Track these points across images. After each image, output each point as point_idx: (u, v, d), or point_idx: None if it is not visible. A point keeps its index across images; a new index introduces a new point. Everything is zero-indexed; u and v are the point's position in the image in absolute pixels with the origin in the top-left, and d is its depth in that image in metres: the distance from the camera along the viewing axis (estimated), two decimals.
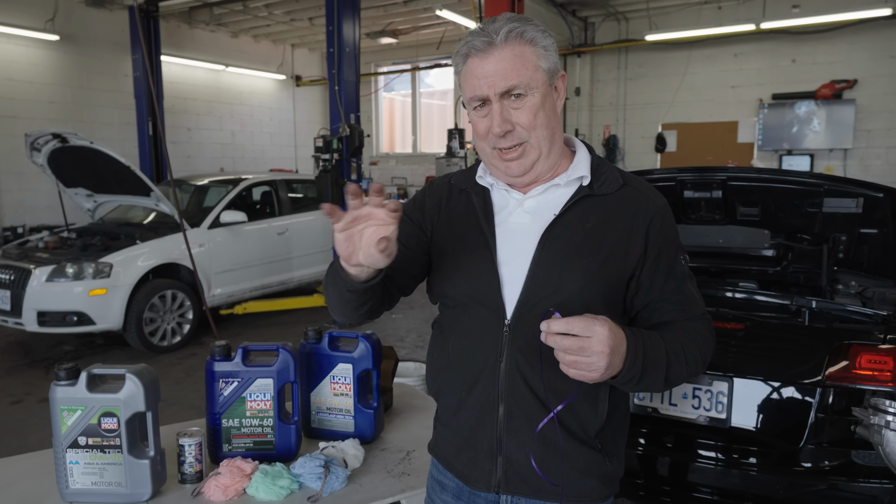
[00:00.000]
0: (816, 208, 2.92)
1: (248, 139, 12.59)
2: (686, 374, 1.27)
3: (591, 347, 1.09)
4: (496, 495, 1.35)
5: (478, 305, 1.31)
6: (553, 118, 1.30)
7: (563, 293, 1.24)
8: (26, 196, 8.88)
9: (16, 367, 5.88)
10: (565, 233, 1.27)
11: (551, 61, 1.28)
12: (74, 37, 9.38)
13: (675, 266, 1.31)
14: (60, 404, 1.62)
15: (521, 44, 1.24)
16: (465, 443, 1.37)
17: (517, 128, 1.26)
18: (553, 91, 1.30)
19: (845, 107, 9.73)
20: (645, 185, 1.35)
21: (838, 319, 2.44)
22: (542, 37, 1.27)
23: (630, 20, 11.12)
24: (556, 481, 1.28)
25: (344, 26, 7.23)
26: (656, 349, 1.21)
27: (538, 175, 1.32)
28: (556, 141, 1.32)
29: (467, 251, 1.33)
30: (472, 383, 1.33)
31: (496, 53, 1.24)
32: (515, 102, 1.25)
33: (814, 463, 2.28)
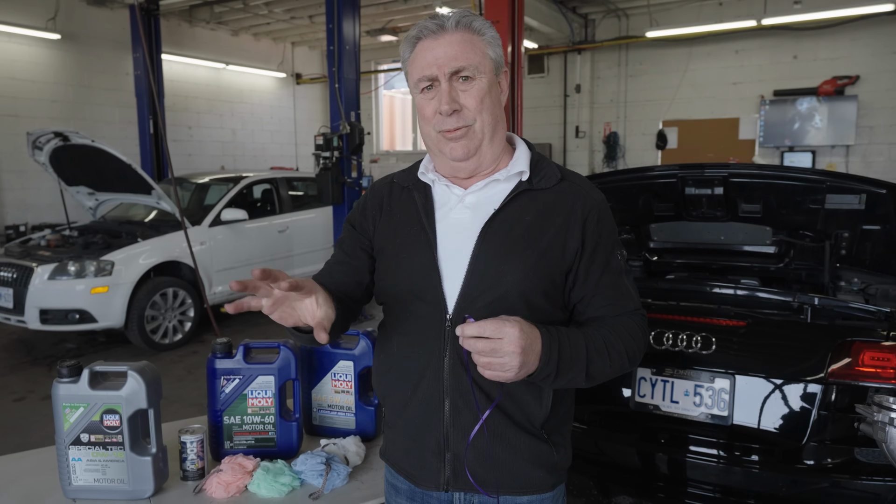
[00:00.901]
0: (819, 205, 2.91)
1: (249, 137, 12.59)
2: (610, 370, 1.28)
3: (503, 348, 1.11)
4: (448, 493, 1.36)
5: (419, 302, 1.32)
6: (497, 108, 1.33)
7: (502, 286, 1.27)
8: (28, 194, 8.89)
9: (18, 364, 5.89)
10: (504, 227, 1.30)
11: (497, 53, 1.32)
12: (76, 35, 9.38)
13: (610, 261, 1.33)
14: (63, 401, 1.62)
15: (471, 32, 1.29)
16: (412, 443, 1.38)
17: (464, 109, 1.28)
18: (499, 80, 1.34)
19: (847, 103, 9.71)
20: (583, 181, 1.39)
21: (841, 316, 2.44)
22: (490, 29, 1.32)
23: (630, 17, 11.10)
24: (504, 472, 1.31)
25: (344, 24, 7.22)
26: (574, 346, 1.22)
27: (480, 163, 1.33)
28: (499, 131, 1.35)
29: (408, 248, 1.35)
30: (417, 381, 1.34)
31: (447, 37, 1.27)
32: (463, 85, 1.28)
33: (816, 460, 2.27)
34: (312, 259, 8.01)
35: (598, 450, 2.66)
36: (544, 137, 12.12)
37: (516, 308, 1.24)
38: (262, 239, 7.41)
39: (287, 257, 7.69)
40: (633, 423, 2.59)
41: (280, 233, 7.61)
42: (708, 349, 2.45)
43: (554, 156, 12.11)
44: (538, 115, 11.98)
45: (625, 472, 2.62)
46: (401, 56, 1.36)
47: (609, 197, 3.40)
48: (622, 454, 2.60)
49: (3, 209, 8.61)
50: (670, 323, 2.56)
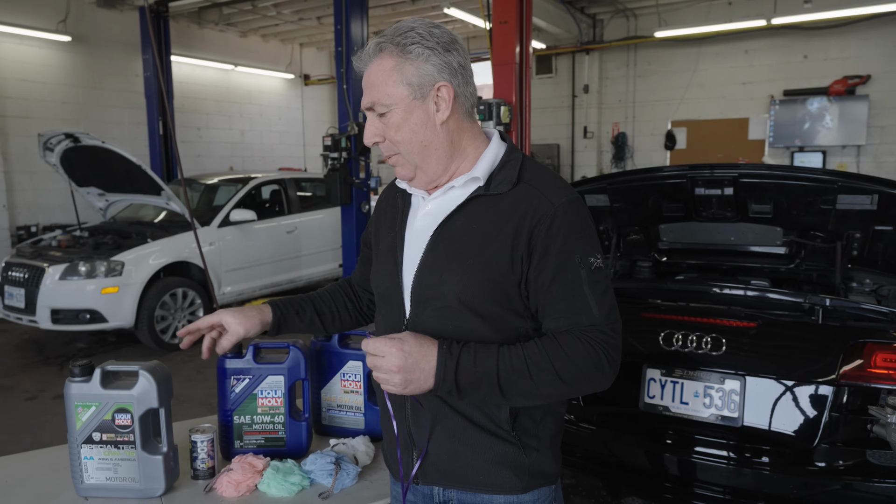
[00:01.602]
0: (830, 205, 2.90)
1: (258, 138, 12.62)
2: (538, 391, 1.22)
3: (382, 366, 1.19)
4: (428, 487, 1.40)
5: (387, 303, 1.41)
6: (424, 131, 1.29)
7: (445, 296, 1.29)
8: (39, 195, 8.94)
9: (30, 364, 5.93)
10: (452, 235, 1.31)
11: (420, 73, 1.26)
12: (86, 37, 9.44)
13: (564, 269, 1.24)
14: (75, 400, 1.63)
15: (384, 57, 1.27)
16: (389, 437, 1.46)
17: (386, 140, 1.32)
18: (427, 103, 1.28)
19: (858, 103, 9.65)
20: (545, 183, 1.30)
21: (853, 317, 2.42)
22: (414, 45, 1.26)
23: (639, 17, 11.08)
24: (468, 469, 1.34)
25: (352, 25, 7.23)
26: (480, 366, 1.20)
27: (429, 179, 1.35)
28: (433, 153, 1.31)
29: (385, 251, 1.43)
30: None
31: (369, 67, 1.30)
32: (382, 120, 1.31)
33: (828, 462, 2.26)
34: (320, 259, 8.03)
35: (607, 451, 2.66)
36: (552, 138, 12.11)
37: (464, 316, 1.28)
38: (271, 239, 7.44)
39: (295, 258, 7.71)
40: (642, 425, 2.59)
41: (288, 233, 7.64)
42: (718, 350, 2.45)
43: (562, 156, 12.10)
44: (546, 115, 11.97)
45: (634, 474, 2.62)
46: None
47: (618, 197, 3.42)
48: (631, 455, 2.59)
49: (14, 210, 8.67)
50: (680, 324, 2.55)
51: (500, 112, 5.93)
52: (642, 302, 2.82)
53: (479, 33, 11.30)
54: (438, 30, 1.30)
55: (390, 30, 1.29)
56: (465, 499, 1.36)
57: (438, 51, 1.27)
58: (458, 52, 1.31)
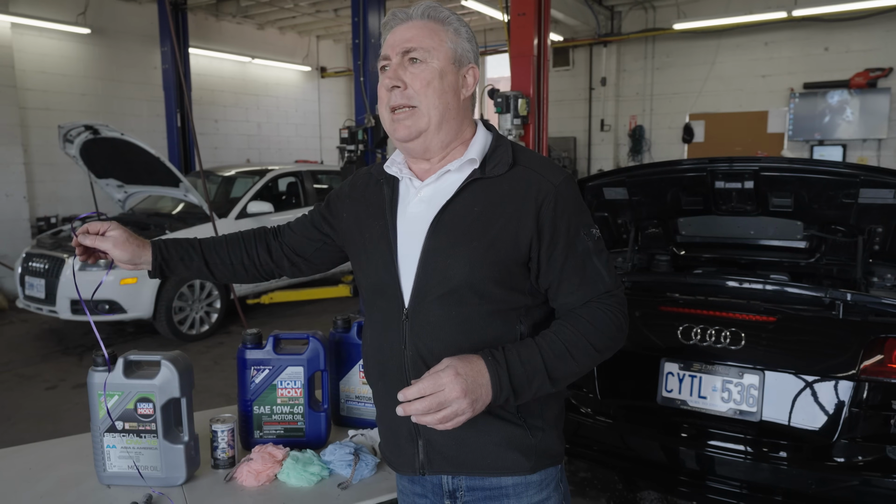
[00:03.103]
0: (852, 199, 2.86)
1: (274, 130, 12.66)
2: (579, 369, 1.29)
3: (448, 398, 1.15)
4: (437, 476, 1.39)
5: (382, 295, 1.37)
6: (450, 96, 1.33)
7: (451, 280, 1.28)
8: (59, 187, 9.04)
9: (50, 353, 6.02)
10: (453, 219, 1.30)
11: (461, 46, 1.34)
12: (105, 30, 9.50)
13: (575, 244, 1.30)
14: (98, 389, 1.65)
15: (435, 21, 1.33)
16: (388, 431, 1.44)
17: (409, 88, 1.31)
18: (458, 75, 1.34)
19: (880, 96, 9.50)
20: (540, 163, 1.35)
21: (874, 312, 2.39)
22: (458, 23, 1.35)
23: (657, 9, 10.96)
24: (476, 454, 1.33)
25: (369, 17, 7.22)
26: (528, 363, 1.23)
27: (427, 147, 1.34)
28: (449, 120, 1.34)
29: (373, 242, 1.39)
30: (383, 372, 1.40)
31: (410, 23, 1.33)
32: (413, 67, 1.31)
33: (847, 458, 2.24)
34: None
35: (623, 445, 2.65)
36: (569, 131, 12.04)
37: (468, 300, 1.28)
38: None
39: None
40: (659, 419, 2.58)
41: None
42: (737, 344, 2.43)
43: (579, 149, 12.04)
44: (563, 108, 11.90)
45: (651, 468, 2.61)
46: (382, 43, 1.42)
47: (637, 191, 3.40)
48: (648, 449, 2.59)
49: (34, 201, 8.77)
50: (699, 318, 2.54)
51: (518, 104, 5.90)
52: (660, 295, 2.80)
53: (497, 25, 11.25)
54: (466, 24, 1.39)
55: (430, 3, 1.35)
56: (474, 484, 1.36)
57: (472, 38, 1.38)
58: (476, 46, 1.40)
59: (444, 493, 1.40)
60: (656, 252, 3.52)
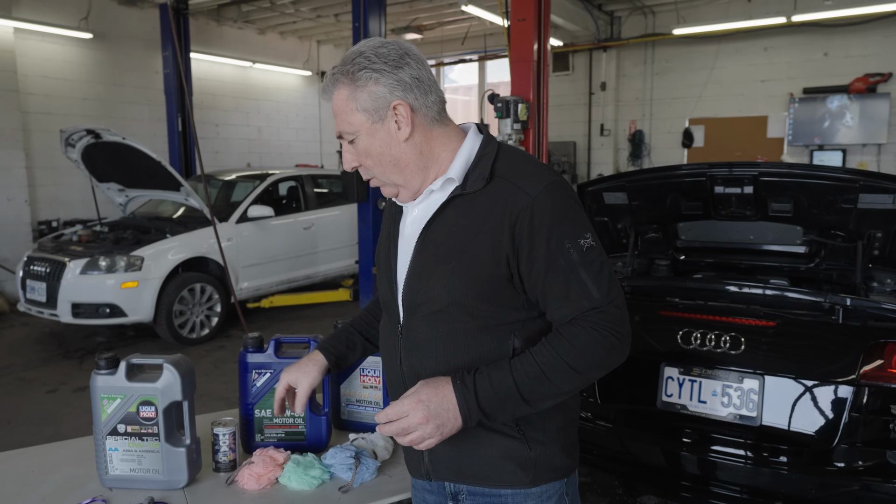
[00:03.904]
0: (851, 204, 2.87)
1: (275, 135, 12.68)
2: (557, 389, 1.24)
3: (411, 425, 1.21)
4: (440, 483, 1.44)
5: (387, 310, 1.45)
6: (392, 150, 1.30)
7: (435, 300, 1.30)
8: (60, 191, 9.05)
9: (51, 357, 6.02)
10: (434, 238, 1.32)
11: (372, 97, 1.27)
12: (107, 35, 9.52)
13: (557, 257, 1.24)
14: (101, 392, 1.66)
15: (339, 88, 1.30)
16: None
17: (361, 165, 1.35)
18: (387, 124, 1.29)
19: (879, 101, 9.52)
20: (521, 174, 1.29)
21: (873, 317, 2.40)
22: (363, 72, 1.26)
23: (657, 14, 10.99)
24: (474, 464, 1.36)
25: (370, 22, 7.24)
26: (498, 385, 1.22)
27: (414, 191, 1.37)
28: (408, 166, 1.32)
29: (383, 260, 1.46)
30: (390, 383, 1.48)
31: (332, 97, 1.32)
32: (351, 147, 1.34)
33: (847, 463, 2.25)
34: (337, 256, 8.07)
35: (623, 449, 2.66)
36: (569, 136, 12.06)
37: (455, 318, 1.30)
38: (288, 236, 7.49)
39: (312, 254, 7.76)
40: (659, 423, 2.58)
41: (305, 229, 7.68)
42: (737, 349, 2.44)
43: (578, 154, 12.05)
44: (563, 113, 11.92)
45: (651, 472, 2.61)
46: None
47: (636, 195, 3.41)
48: (648, 454, 2.59)
49: (35, 205, 8.78)
50: (698, 322, 2.55)
51: (518, 109, 5.93)
52: (660, 300, 2.81)
53: (497, 30, 11.28)
54: (386, 48, 1.28)
55: (342, 59, 1.32)
56: (474, 491, 1.39)
57: (387, 71, 1.26)
58: (409, 65, 1.28)
59: (448, 494, 1.43)
60: (656, 257, 3.53)
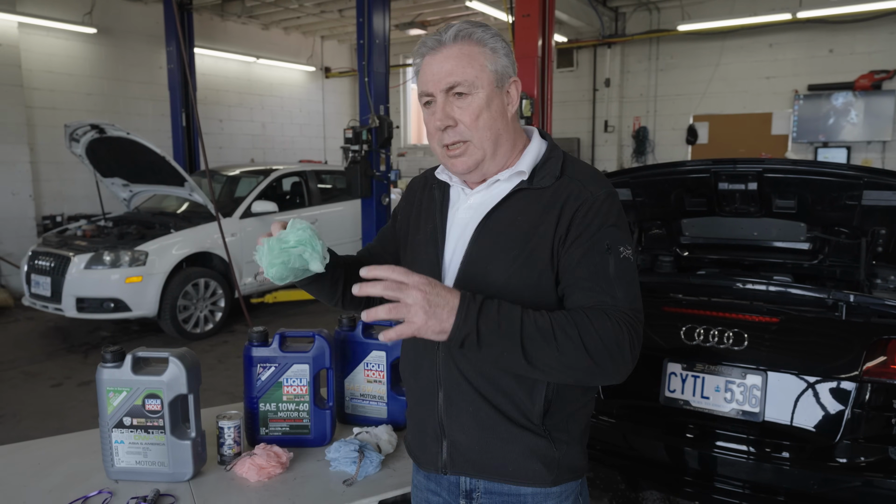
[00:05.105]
0: (855, 201, 2.87)
1: (279, 130, 12.70)
2: (559, 357, 1.16)
3: (407, 282, 1.10)
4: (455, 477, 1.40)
5: None
6: (500, 121, 1.32)
7: (490, 287, 1.28)
8: (65, 185, 9.08)
9: (56, 351, 6.05)
10: (496, 227, 1.32)
11: (500, 64, 1.31)
12: (111, 30, 9.54)
13: (593, 253, 1.25)
14: (107, 385, 1.67)
15: (470, 44, 1.29)
16: (416, 427, 1.46)
17: (459, 125, 1.30)
18: (503, 95, 1.33)
19: (885, 98, 9.49)
20: (587, 176, 1.33)
21: (877, 314, 2.40)
22: (493, 39, 1.31)
23: (662, 10, 10.96)
24: (498, 460, 1.34)
25: (374, 18, 7.24)
26: (505, 316, 1.15)
27: (485, 173, 1.37)
28: (503, 144, 1.34)
29: (423, 243, 1.42)
30: (416, 369, 1.42)
31: (444, 51, 1.29)
32: (459, 101, 1.30)
33: (849, 459, 2.25)
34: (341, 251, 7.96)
35: (626, 444, 2.66)
36: (573, 132, 12.05)
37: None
38: None
39: None
40: (662, 418, 2.59)
41: None
42: (740, 345, 2.44)
43: (582, 150, 12.04)
44: (567, 109, 11.90)
45: (653, 467, 2.62)
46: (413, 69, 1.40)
47: (641, 191, 3.41)
48: (651, 449, 2.60)
49: (40, 200, 8.81)
50: (702, 318, 2.55)
51: (522, 105, 5.92)
52: (664, 296, 2.81)
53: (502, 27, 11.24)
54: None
55: (460, 25, 1.31)
56: (492, 488, 1.37)
57: (508, 49, 1.34)
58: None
59: (461, 492, 1.40)
60: (660, 253, 3.53)
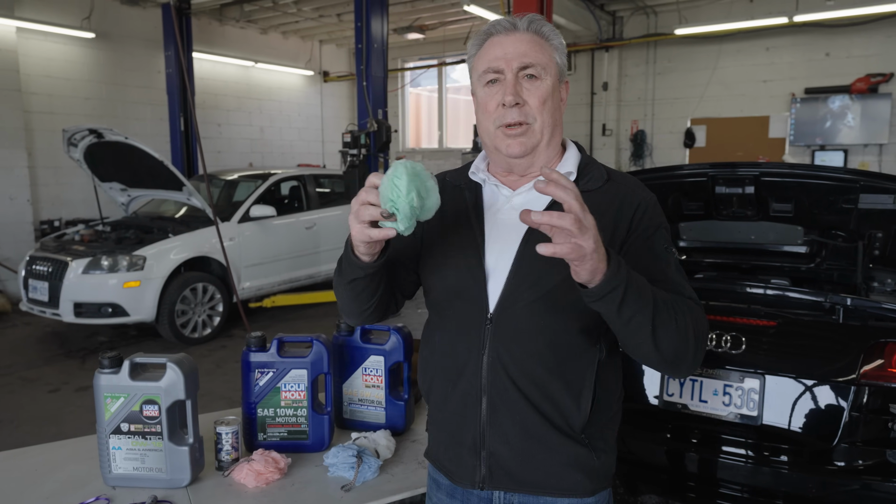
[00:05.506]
0: (852, 204, 2.88)
1: (277, 134, 12.70)
2: (674, 330, 1.17)
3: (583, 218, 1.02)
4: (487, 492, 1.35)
5: (462, 300, 1.34)
6: (557, 112, 1.35)
7: (544, 286, 1.26)
8: (63, 190, 9.08)
9: (53, 356, 6.03)
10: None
11: (563, 61, 1.35)
12: (109, 34, 9.55)
13: (657, 250, 1.29)
14: (104, 391, 1.67)
15: (540, 36, 1.32)
16: (450, 439, 1.39)
17: (526, 105, 1.30)
18: (560, 88, 1.36)
19: (881, 101, 9.51)
20: (632, 181, 1.38)
21: (874, 317, 2.40)
22: (558, 38, 1.35)
23: (659, 14, 10.99)
24: (540, 473, 1.31)
25: (372, 22, 7.26)
26: (640, 279, 1.15)
27: (533, 163, 1.35)
28: (556, 135, 1.37)
29: (456, 246, 1.36)
30: (456, 377, 1.35)
31: (518, 34, 1.31)
32: (528, 83, 1.30)
33: (847, 462, 2.25)
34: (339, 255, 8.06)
35: (624, 448, 2.66)
36: (571, 135, 11.69)
37: (560, 307, 1.26)
38: (290, 235, 7.50)
39: (314, 253, 7.77)
40: (660, 422, 2.59)
41: (307, 229, 7.69)
42: (738, 349, 2.44)
43: None
44: (565, 112, 11.69)
45: (652, 471, 2.62)
46: (468, 52, 1.38)
47: None
48: (649, 452, 2.59)
49: (38, 204, 8.80)
50: None
51: None
52: None
53: None
54: None
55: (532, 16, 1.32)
56: (527, 501, 1.34)
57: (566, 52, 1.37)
58: None
59: None
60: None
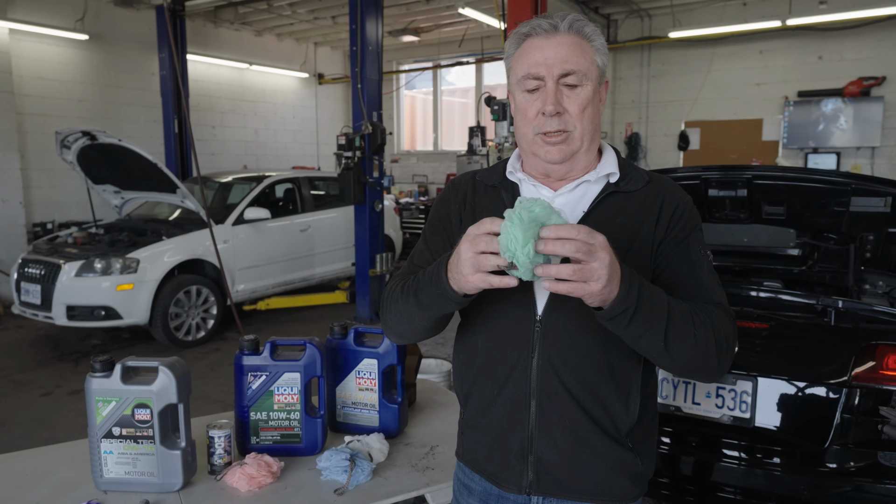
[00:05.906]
0: (843, 207, 2.89)
1: (272, 137, 12.68)
2: (692, 344, 1.18)
3: (598, 241, 1.05)
4: (527, 496, 1.33)
5: (508, 302, 1.30)
6: (597, 117, 1.32)
7: None
8: (56, 192, 9.04)
9: (45, 359, 6.01)
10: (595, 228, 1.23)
11: (603, 62, 1.31)
12: (103, 36, 9.52)
13: (691, 252, 1.29)
14: (96, 395, 1.66)
15: (582, 37, 1.28)
16: (495, 443, 1.36)
17: (566, 114, 1.27)
18: (599, 90, 1.31)
19: (873, 104, 9.57)
20: (670, 182, 1.37)
21: (865, 319, 2.42)
22: (600, 37, 1.31)
23: (653, 17, 11.03)
24: (588, 479, 1.29)
25: (367, 25, 7.25)
26: (655, 293, 1.16)
27: (572, 168, 1.32)
28: (595, 140, 1.34)
29: None
30: (503, 381, 1.32)
31: (558, 37, 1.26)
32: (570, 91, 1.27)
33: (839, 464, 2.26)
34: (333, 258, 8.07)
35: None
36: None
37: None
38: (284, 238, 7.48)
39: (308, 256, 7.76)
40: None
41: (302, 232, 7.68)
42: None
43: None
44: None
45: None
46: (505, 51, 1.35)
47: None
48: None
49: (31, 207, 8.76)
50: None
51: None
52: None
53: (494, 33, 11.30)
54: None
55: (574, 15, 1.28)
56: None
57: (607, 50, 1.33)
58: None
59: None
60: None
